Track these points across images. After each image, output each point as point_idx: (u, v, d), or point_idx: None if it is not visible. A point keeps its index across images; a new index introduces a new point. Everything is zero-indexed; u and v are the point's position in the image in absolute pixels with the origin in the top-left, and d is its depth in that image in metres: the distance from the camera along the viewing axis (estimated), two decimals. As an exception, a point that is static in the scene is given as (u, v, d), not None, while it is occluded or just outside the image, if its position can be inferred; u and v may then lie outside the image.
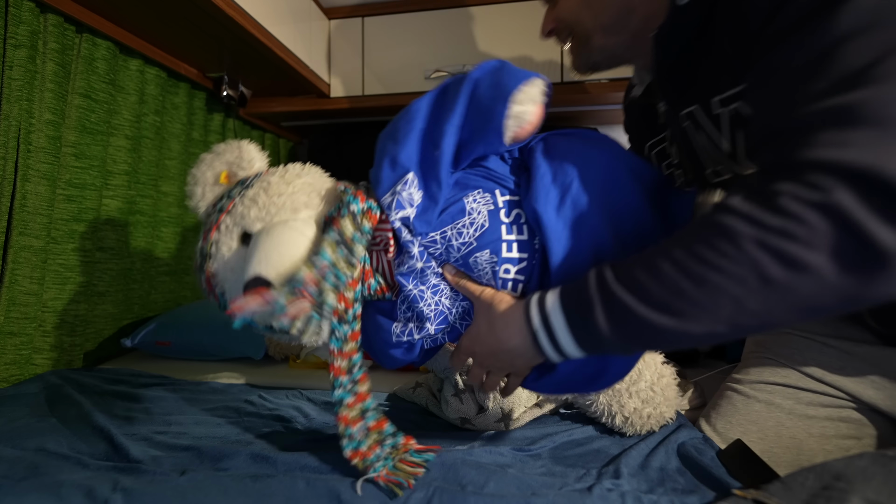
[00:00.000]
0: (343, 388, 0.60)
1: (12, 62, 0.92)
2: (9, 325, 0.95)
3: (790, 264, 0.36)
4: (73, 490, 0.52)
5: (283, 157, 1.96)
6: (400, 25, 1.52)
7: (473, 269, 0.58)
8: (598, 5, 0.64)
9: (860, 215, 0.35)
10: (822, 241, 0.36)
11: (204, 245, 0.65)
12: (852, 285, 0.36)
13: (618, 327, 0.43)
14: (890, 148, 0.35)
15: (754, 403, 0.73)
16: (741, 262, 0.37)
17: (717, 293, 0.39)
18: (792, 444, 0.70)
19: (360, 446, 0.58)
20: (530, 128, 0.56)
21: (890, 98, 0.36)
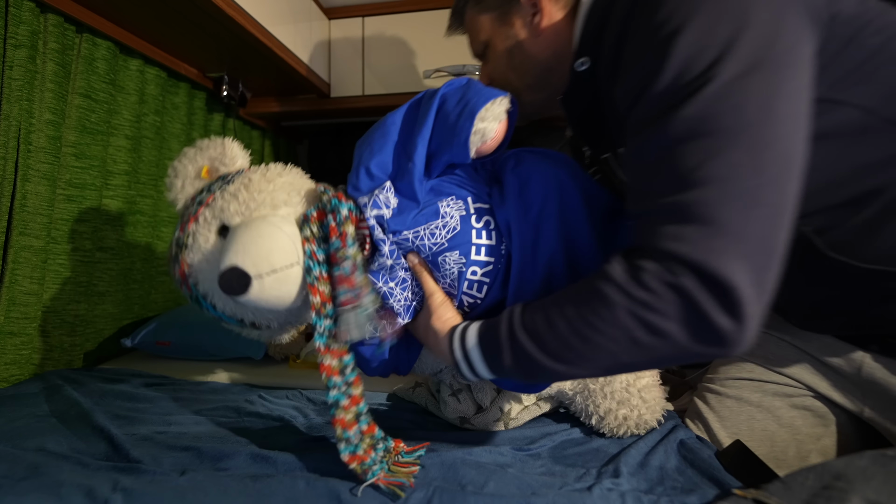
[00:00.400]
0: (338, 388, 0.60)
1: (12, 62, 0.92)
2: (9, 324, 0.95)
3: (652, 331, 0.45)
4: (73, 490, 0.52)
5: (283, 157, 1.96)
6: (400, 25, 1.52)
7: (441, 267, 0.62)
8: (521, 68, 0.72)
9: (702, 299, 0.42)
10: (675, 314, 0.44)
11: (181, 235, 0.65)
12: (700, 349, 0.45)
13: (520, 366, 0.52)
14: (713, 244, 0.42)
15: (725, 400, 0.76)
16: (616, 327, 0.46)
17: (597, 349, 0.47)
18: (764, 436, 0.72)
19: (357, 450, 0.58)
20: (493, 143, 0.62)
21: (713, 199, 0.43)
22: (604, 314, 0.46)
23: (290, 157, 2.02)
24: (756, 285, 0.42)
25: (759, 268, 0.43)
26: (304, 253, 0.61)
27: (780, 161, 0.44)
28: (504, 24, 0.70)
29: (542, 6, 0.66)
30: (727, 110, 0.44)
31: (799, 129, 0.46)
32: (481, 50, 0.76)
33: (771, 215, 0.43)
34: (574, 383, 0.75)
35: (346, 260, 0.58)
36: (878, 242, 0.52)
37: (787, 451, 0.72)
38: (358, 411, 0.61)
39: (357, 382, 0.62)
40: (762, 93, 0.44)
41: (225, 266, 0.57)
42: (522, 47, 0.70)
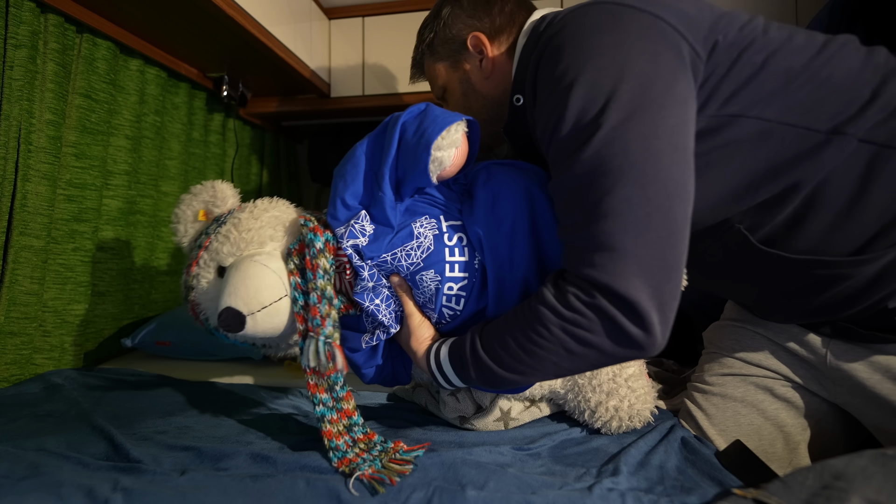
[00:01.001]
0: (324, 405, 0.66)
1: (13, 62, 0.92)
2: (9, 324, 0.95)
3: (583, 342, 0.54)
4: (74, 490, 0.52)
5: (283, 157, 1.96)
6: (400, 25, 1.52)
7: (419, 285, 0.67)
8: (476, 106, 0.81)
9: (616, 315, 0.51)
10: (598, 328, 0.52)
11: (187, 278, 0.74)
12: (624, 353, 0.54)
13: (484, 378, 0.61)
14: (616, 268, 0.50)
15: (711, 397, 0.77)
16: (553, 342, 0.55)
17: (542, 361, 0.56)
18: (751, 430, 0.73)
19: (346, 455, 0.61)
20: (452, 168, 0.66)
21: (611, 229, 0.51)
22: (542, 332, 0.55)
23: (290, 157, 2.02)
24: (655, 298, 0.51)
25: (657, 283, 0.51)
26: (290, 285, 0.68)
27: (665, 191, 0.51)
28: (457, 69, 0.80)
29: (486, 52, 0.76)
30: (615, 153, 0.51)
31: (681, 159, 0.53)
32: (441, 93, 0.86)
33: (662, 238, 0.51)
34: (564, 381, 0.76)
35: (314, 291, 0.65)
36: (804, 234, 0.57)
37: (776, 444, 0.73)
38: (350, 423, 0.66)
39: (348, 398, 0.67)
40: (642, 134, 0.51)
41: (221, 308, 0.65)
42: (475, 88, 0.80)
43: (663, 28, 0.55)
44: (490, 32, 0.76)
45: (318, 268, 0.65)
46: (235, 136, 1.64)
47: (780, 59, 0.56)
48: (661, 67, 0.53)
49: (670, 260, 0.52)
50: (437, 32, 0.81)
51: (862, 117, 0.54)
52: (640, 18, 0.55)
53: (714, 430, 0.75)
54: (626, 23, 0.55)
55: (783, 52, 0.56)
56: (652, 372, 0.93)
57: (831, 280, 0.58)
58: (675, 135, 0.52)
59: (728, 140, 0.56)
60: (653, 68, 0.53)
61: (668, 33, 0.54)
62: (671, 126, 0.52)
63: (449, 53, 0.80)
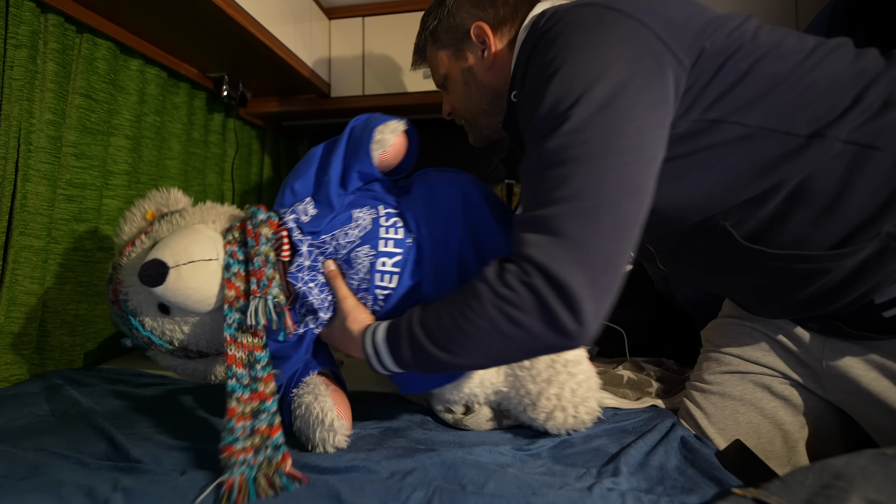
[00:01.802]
0: (237, 380, 0.62)
1: (13, 62, 0.92)
2: (9, 324, 0.96)
3: (514, 322, 0.53)
4: (74, 489, 0.52)
5: (283, 157, 1.96)
6: (400, 25, 1.52)
7: (353, 264, 0.70)
8: (476, 96, 0.82)
9: (548, 297, 0.51)
10: (530, 309, 0.52)
11: (117, 259, 0.72)
12: (554, 338, 0.53)
13: (416, 356, 0.60)
14: (556, 252, 0.51)
15: (710, 396, 0.77)
16: (485, 319, 0.54)
17: (472, 340, 0.56)
18: (750, 428, 0.74)
19: (235, 443, 0.57)
20: (392, 151, 0.75)
21: (560, 215, 0.52)
22: (476, 308, 0.55)
23: (290, 157, 2.02)
24: (590, 287, 0.51)
25: (594, 273, 0.51)
26: (226, 253, 0.69)
27: (618, 187, 0.53)
28: (459, 58, 0.81)
29: (489, 42, 0.77)
30: (577, 144, 0.53)
31: (640, 160, 0.54)
32: (442, 81, 0.86)
33: (606, 231, 0.52)
34: (505, 377, 0.73)
35: (258, 256, 0.67)
36: (786, 230, 0.59)
37: (774, 442, 0.73)
38: (260, 408, 0.61)
39: (267, 380, 0.64)
40: (606, 131, 0.53)
41: (145, 260, 0.62)
42: (476, 77, 0.80)
43: (646, 35, 0.57)
44: (494, 23, 0.76)
45: (261, 235, 0.69)
46: (235, 136, 1.64)
47: (765, 66, 0.57)
48: (636, 72, 0.55)
49: (612, 253, 0.53)
50: (440, 20, 0.81)
51: (843, 121, 0.55)
52: (625, 23, 0.57)
53: (713, 429, 0.75)
54: (611, 25, 0.57)
55: (769, 59, 0.57)
56: (653, 371, 0.93)
57: (813, 274, 0.59)
58: (639, 136, 0.54)
59: (710, 143, 0.58)
60: (628, 72, 0.55)
61: (649, 41, 0.56)
62: (636, 128, 0.54)
63: (452, 42, 0.81)
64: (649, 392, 0.90)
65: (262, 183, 1.84)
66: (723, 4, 0.63)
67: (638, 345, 1.13)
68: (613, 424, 0.76)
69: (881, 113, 0.54)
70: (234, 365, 0.63)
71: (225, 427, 0.58)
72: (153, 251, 0.64)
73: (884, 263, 0.56)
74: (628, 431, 0.74)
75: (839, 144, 0.55)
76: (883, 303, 0.59)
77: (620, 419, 0.78)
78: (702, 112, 0.58)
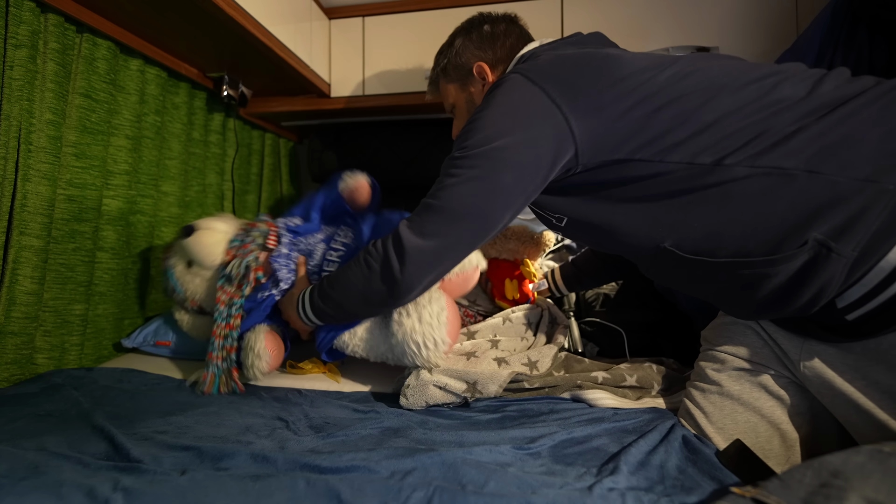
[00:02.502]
0: (220, 314, 1.01)
1: (13, 62, 0.92)
2: (9, 324, 0.96)
3: (367, 265, 0.81)
4: (74, 489, 0.52)
5: (283, 157, 1.96)
6: (400, 25, 1.52)
7: (313, 254, 1.03)
8: None
9: (390, 249, 0.77)
10: (377, 256, 0.79)
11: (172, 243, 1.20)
12: (387, 283, 0.79)
13: (322, 300, 0.89)
14: (409, 226, 0.77)
15: (709, 395, 0.78)
16: (356, 265, 0.83)
17: (345, 282, 0.85)
18: (748, 428, 0.75)
19: (213, 351, 0.97)
20: (359, 190, 1.08)
21: (422, 206, 0.77)
22: (356, 260, 0.83)
23: (291, 157, 2.02)
24: (417, 252, 0.75)
25: (423, 247, 0.75)
26: (232, 235, 1.10)
27: (461, 201, 0.73)
28: (464, 91, 0.98)
29: (487, 78, 0.94)
30: (453, 166, 0.75)
31: (492, 193, 0.72)
32: (451, 109, 1.03)
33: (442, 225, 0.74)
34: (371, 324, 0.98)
35: (249, 236, 1.07)
36: (724, 245, 0.65)
37: (773, 441, 0.74)
38: (229, 334, 0.99)
39: (236, 318, 1.00)
40: (471, 164, 0.73)
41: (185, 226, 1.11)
42: (476, 106, 0.89)
43: (542, 99, 0.71)
44: (492, 62, 0.94)
45: (257, 226, 1.09)
46: (235, 136, 1.64)
47: (664, 111, 0.67)
48: (515, 127, 0.71)
49: (440, 244, 0.75)
50: (450, 59, 0.99)
51: (746, 149, 0.63)
52: (529, 90, 0.72)
53: (712, 428, 0.76)
54: (519, 90, 0.73)
55: (671, 105, 0.67)
56: (653, 371, 0.93)
57: (758, 278, 0.65)
58: (494, 172, 0.71)
59: (623, 178, 0.69)
60: (510, 127, 0.72)
61: (542, 103, 0.70)
62: (492, 167, 0.71)
63: (458, 77, 0.98)
64: (649, 392, 0.90)
65: (262, 183, 1.84)
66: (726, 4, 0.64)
67: (638, 345, 1.12)
68: (614, 424, 0.76)
69: (790, 137, 0.61)
70: (219, 304, 1.02)
71: (210, 343, 0.98)
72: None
73: (821, 267, 0.60)
74: (629, 431, 0.74)
75: (744, 169, 0.63)
76: (845, 306, 0.62)
77: (621, 419, 0.78)
78: (608, 153, 0.69)
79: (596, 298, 1.29)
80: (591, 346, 1.17)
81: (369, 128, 1.79)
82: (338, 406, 0.88)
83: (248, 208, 1.78)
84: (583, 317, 1.23)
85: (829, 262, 0.59)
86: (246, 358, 0.97)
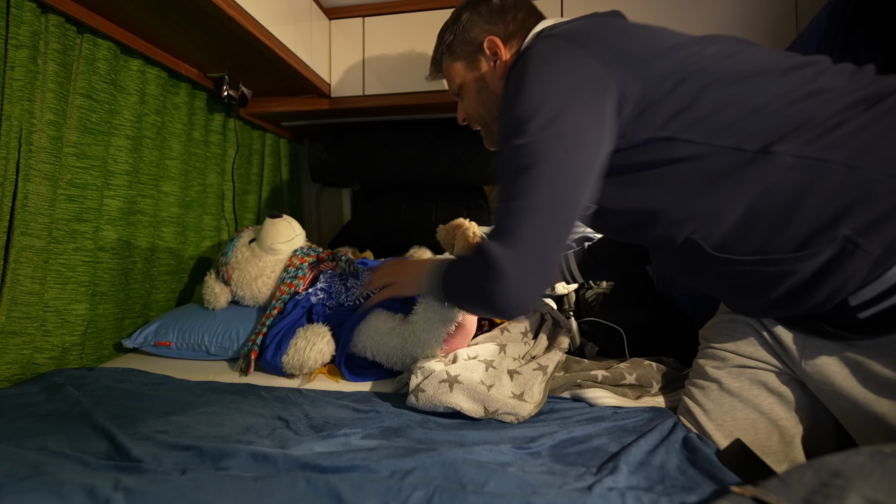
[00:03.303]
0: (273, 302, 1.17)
1: (13, 62, 0.92)
2: (10, 324, 0.96)
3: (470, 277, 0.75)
4: (75, 489, 0.52)
5: (283, 157, 1.96)
6: (400, 25, 1.52)
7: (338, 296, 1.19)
8: (487, 103, 0.90)
9: (482, 272, 0.69)
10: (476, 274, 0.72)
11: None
12: (485, 304, 0.72)
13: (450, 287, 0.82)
14: (496, 240, 0.68)
15: (709, 392, 0.79)
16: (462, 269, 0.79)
17: (457, 279, 0.79)
18: (748, 425, 0.75)
19: (253, 333, 1.13)
20: None
21: (503, 210, 0.68)
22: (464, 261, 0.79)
23: (291, 157, 2.02)
24: (516, 268, 0.66)
25: (520, 259, 0.66)
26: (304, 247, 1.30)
27: (547, 193, 0.65)
28: (473, 69, 0.89)
29: (500, 53, 0.85)
30: (522, 155, 0.65)
31: (571, 170, 0.65)
32: (457, 90, 0.94)
33: (533, 226, 0.66)
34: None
35: (340, 258, 1.27)
36: (751, 237, 0.63)
37: (772, 438, 0.74)
38: (266, 322, 1.13)
39: (293, 284, 1.21)
40: (543, 146, 0.65)
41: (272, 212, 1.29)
42: (487, 86, 0.88)
43: (591, 63, 0.66)
44: (504, 37, 0.86)
45: (342, 254, 1.28)
46: (236, 136, 1.64)
47: (713, 90, 0.64)
48: (575, 98, 0.65)
49: (537, 244, 0.66)
50: (456, 35, 0.89)
51: (792, 137, 0.60)
52: (576, 54, 0.67)
53: (712, 426, 0.76)
54: (564, 56, 0.67)
55: (719, 84, 0.64)
56: (653, 368, 0.94)
57: (779, 275, 0.63)
58: (570, 151, 0.64)
59: (665, 158, 0.65)
60: (569, 98, 0.65)
61: (594, 68, 0.66)
62: (570, 143, 0.65)
63: (466, 54, 0.89)
64: (649, 391, 0.90)
65: (263, 183, 1.85)
66: (726, 4, 0.64)
67: (638, 344, 1.13)
68: (614, 423, 0.76)
69: (833, 130, 0.59)
70: (272, 297, 1.21)
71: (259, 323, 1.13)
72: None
73: (845, 264, 0.59)
74: (629, 430, 0.74)
75: (789, 159, 0.60)
76: (858, 304, 0.62)
77: (620, 418, 0.79)
78: (656, 130, 0.65)
79: (595, 298, 1.29)
80: (591, 346, 1.17)
81: (369, 128, 1.79)
82: (338, 406, 0.88)
83: (249, 208, 1.78)
84: (582, 316, 1.23)
85: (854, 259, 0.58)
86: (303, 350, 1.01)
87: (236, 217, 1.67)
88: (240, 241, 1.28)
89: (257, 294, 1.24)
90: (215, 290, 1.23)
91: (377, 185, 1.88)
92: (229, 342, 1.14)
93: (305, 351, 1.00)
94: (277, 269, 1.24)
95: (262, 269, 1.24)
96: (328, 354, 1.02)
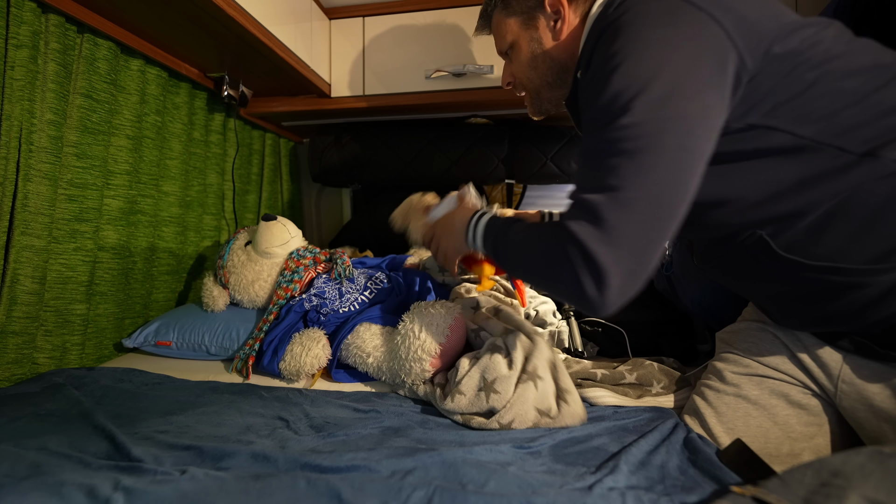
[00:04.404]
0: (270, 307, 1.16)
1: (14, 62, 0.92)
2: (10, 324, 0.96)
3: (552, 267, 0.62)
4: (75, 489, 0.52)
5: (283, 157, 1.96)
6: (400, 25, 1.52)
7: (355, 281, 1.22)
8: (541, 67, 0.81)
9: (580, 266, 0.58)
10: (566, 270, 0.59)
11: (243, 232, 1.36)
12: (577, 299, 0.60)
13: (495, 247, 0.75)
14: (594, 233, 0.57)
15: (724, 396, 0.77)
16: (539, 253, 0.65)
17: (524, 257, 0.68)
18: (759, 432, 0.74)
19: (249, 338, 1.12)
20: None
21: (603, 202, 0.57)
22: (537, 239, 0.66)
23: (291, 157, 2.02)
24: (618, 266, 0.56)
25: (624, 256, 0.56)
26: (300, 249, 1.29)
27: (658, 182, 0.55)
28: (529, 27, 0.79)
29: (563, 13, 0.74)
30: (629, 138, 0.56)
31: (685, 158, 0.56)
32: (507, 49, 0.84)
33: (641, 221, 0.55)
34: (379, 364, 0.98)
35: (338, 260, 1.26)
36: (824, 242, 0.59)
37: (781, 448, 0.73)
38: (263, 327, 1.12)
39: (290, 288, 1.19)
40: (656, 129, 0.55)
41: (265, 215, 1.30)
42: (544, 48, 0.78)
43: (715, 32, 0.56)
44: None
45: (340, 254, 1.28)
46: (236, 136, 1.64)
47: (831, 80, 0.56)
48: (695, 72, 0.56)
49: (643, 241, 0.57)
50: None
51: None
52: (697, 18, 0.57)
53: (721, 428, 0.75)
54: (681, 20, 0.57)
55: (837, 73, 0.57)
56: (654, 368, 0.94)
57: (846, 287, 0.59)
58: (688, 136, 0.56)
59: (760, 148, 0.58)
60: (687, 71, 0.56)
61: (718, 38, 0.56)
62: (686, 128, 0.55)
63: (524, 10, 0.79)
64: (650, 391, 0.90)
65: (263, 183, 1.85)
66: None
67: (638, 344, 1.13)
68: (614, 423, 0.76)
69: None
70: (286, 270, 1.22)
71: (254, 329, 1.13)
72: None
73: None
74: (629, 430, 0.74)
75: (892, 164, 0.54)
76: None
77: (621, 417, 0.79)
78: (760, 117, 0.58)
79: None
80: (591, 346, 1.17)
81: (369, 128, 1.79)
82: (338, 406, 0.88)
83: (249, 208, 1.78)
84: (582, 316, 1.23)
85: None
86: (299, 356, 1.00)
87: (236, 217, 1.67)
88: (235, 244, 1.28)
89: (255, 297, 1.24)
90: (213, 293, 1.23)
91: (377, 185, 1.88)
92: (230, 342, 1.14)
93: (301, 356, 1.00)
94: (274, 272, 1.24)
95: (258, 273, 1.23)
96: (324, 359, 1.02)
